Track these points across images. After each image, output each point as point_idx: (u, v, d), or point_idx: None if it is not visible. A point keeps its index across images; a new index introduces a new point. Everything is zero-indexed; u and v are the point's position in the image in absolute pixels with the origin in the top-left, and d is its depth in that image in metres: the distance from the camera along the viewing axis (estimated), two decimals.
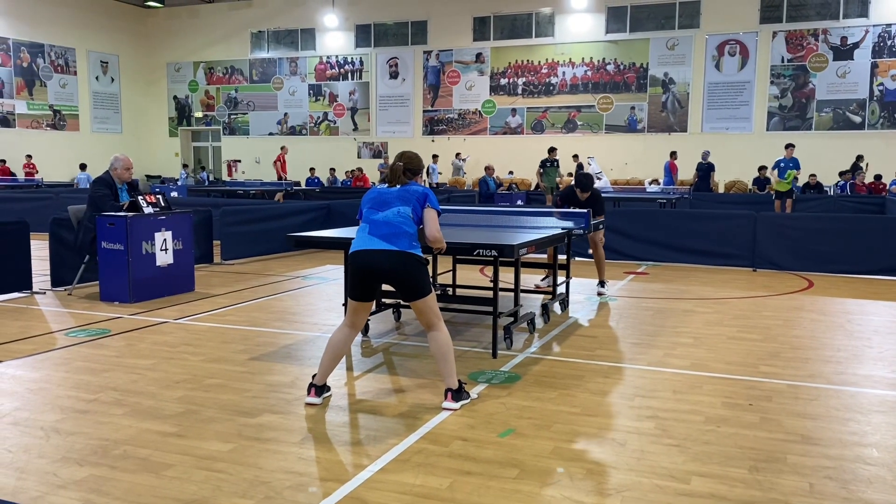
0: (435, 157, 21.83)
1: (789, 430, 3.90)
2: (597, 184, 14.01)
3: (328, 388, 4.43)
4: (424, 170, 6.40)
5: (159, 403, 4.26)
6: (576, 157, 20.28)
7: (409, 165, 4.39)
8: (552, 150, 17.57)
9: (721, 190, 20.11)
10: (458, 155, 22.65)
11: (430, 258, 4.37)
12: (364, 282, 4.17)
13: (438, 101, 24.27)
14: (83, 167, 22.60)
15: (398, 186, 4.30)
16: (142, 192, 7.80)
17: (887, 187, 17.38)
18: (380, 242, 4.11)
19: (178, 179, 23.54)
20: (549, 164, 17.46)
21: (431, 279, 4.26)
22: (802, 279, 9.18)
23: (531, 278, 8.49)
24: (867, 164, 17.80)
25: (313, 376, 4.36)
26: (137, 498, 3.07)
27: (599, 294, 7.98)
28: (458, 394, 4.22)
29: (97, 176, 7.82)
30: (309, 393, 4.29)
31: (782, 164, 15.12)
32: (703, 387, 4.66)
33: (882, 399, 4.46)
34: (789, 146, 15.26)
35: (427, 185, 18.42)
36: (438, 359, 4.22)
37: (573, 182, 8.02)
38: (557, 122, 22.85)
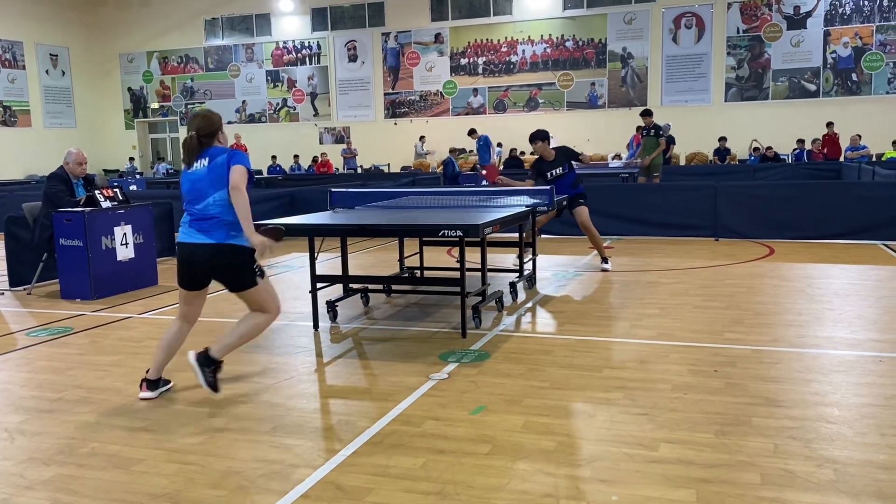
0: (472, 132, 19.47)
1: (753, 393, 3.99)
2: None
3: (165, 382, 4.28)
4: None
5: (126, 399, 4.21)
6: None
7: (202, 132, 3.98)
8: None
9: (682, 162, 20.35)
10: (421, 139, 22.56)
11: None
12: (188, 273, 4.08)
13: (399, 83, 24.11)
14: (161, 159, 21.99)
15: (205, 165, 3.93)
16: (99, 187, 7.64)
17: (842, 151, 17.73)
18: (198, 235, 3.93)
19: (136, 173, 23.11)
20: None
21: (258, 269, 4.04)
22: (764, 246, 9.35)
23: (501, 258, 8.52)
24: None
25: (147, 371, 4.24)
26: (107, 495, 3.03)
27: (604, 270, 7.87)
28: (208, 360, 4.01)
29: (51, 172, 7.63)
30: (141, 388, 4.18)
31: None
32: (670, 356, 4.73)
33: (842, 359, 4.58)
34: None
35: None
36: (237, 328, 4.08)
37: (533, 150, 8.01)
38: (519, 101, 22.86)
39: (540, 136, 7.83)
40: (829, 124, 17.78)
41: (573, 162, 8.08)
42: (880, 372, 4.30)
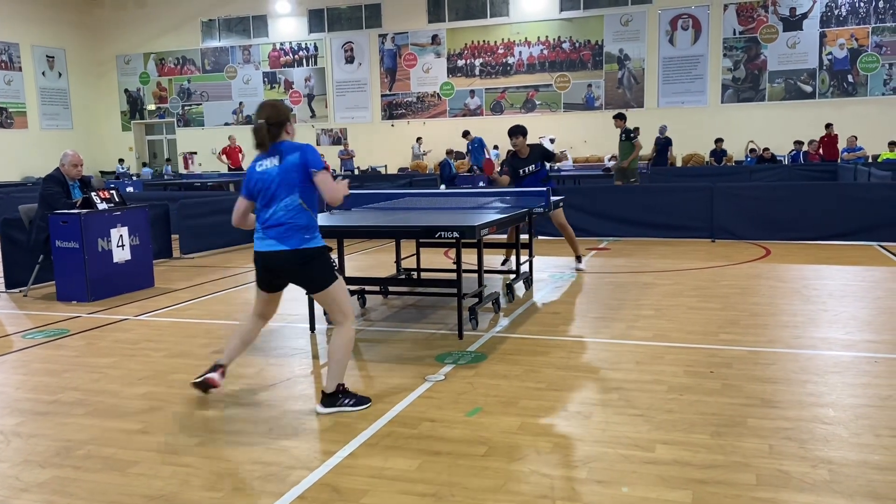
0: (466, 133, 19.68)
1: (749, 394, 4.00)
2: (564, 163, 14.11)
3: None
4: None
5: (122, 401, 4.20)
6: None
7: (271, 121, 3.91)
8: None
9: (679, 163, 20.38)
10: (418, 140, 22.57)
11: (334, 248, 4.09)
12: (266, 277, 4.07)
13: (396, 84, 24.12)
14: (145, 164, 21.88)
15: (276, 164, 3.86)
16: (95, 189, 7.63)
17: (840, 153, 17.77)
18: (273, 243, 3.89)
19: (126, 175, 23.07)
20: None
21: (334, 266, 3.99)
22: (759, 247, 9.37)
23: (498, 259, 8.52)
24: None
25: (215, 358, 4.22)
26: (103, 497, 3.03)
27: (578, 270, 7.97)
28: (332, 399, 3.93)
29: (47, 174, 7.62)
30: (216, 371, 4.11)
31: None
32: (665, 357, 4.74)
33: (837, 360, 4.59)
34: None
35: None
36: (329, 355, 3.97)
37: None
38: (516, 103, 22.88)
39: (522, 132, 7.89)
40: (828, 125, 17.80)
41: (546, 161, 8.13)
42: (875, 373, 4.31)
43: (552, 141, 19.79)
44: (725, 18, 20.76)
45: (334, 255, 4.30)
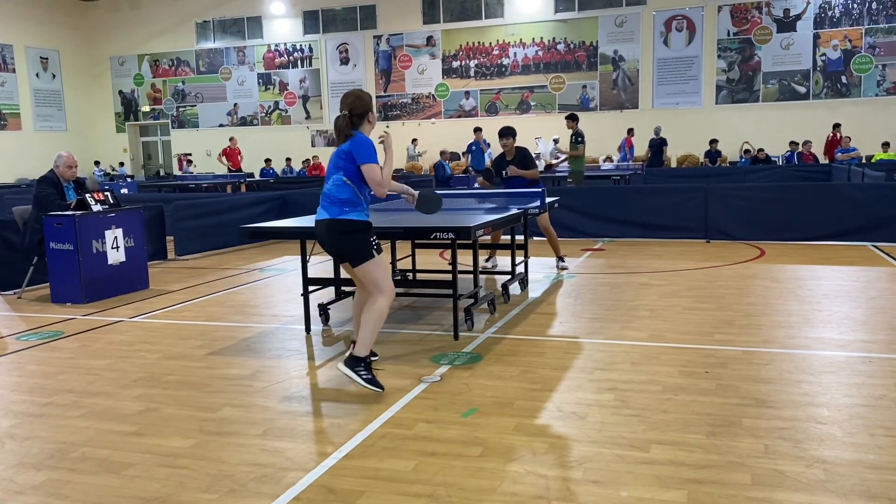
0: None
1: (744, 394, 4.01)
2: (561, 164, 14.07)
3: (373, 354, 4.62)
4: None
5: (117, 403, 4.19)
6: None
7: (355, 111, 4.21)
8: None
9: (673, 164, 20.42)
10: (414, 141, 22.57)
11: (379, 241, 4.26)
12: (322, 246, 4.38)
13: (391, 85, 24.11)
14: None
15: (341, 148, 4.23)
16: (89, 190, 7.61)
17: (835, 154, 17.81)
18: (321, 212, 4.27)
19: (128, 176, 23.05)
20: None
21: (376, 240, 4.24)
22: (754, 248, 9.39)
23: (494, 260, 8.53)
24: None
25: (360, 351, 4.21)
26: (98, 499, 3.02)
27: (562, 269, 8.05)
28: (355, 361, 4.11)
29: (41, 175, 7.60)
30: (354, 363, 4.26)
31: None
32: (661, 357, 4.75)
33: (831, 360, 4.60)
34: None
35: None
36: (363, 322, 4.18)
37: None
38: (511, 104, 22.89)
39: (511, 133, 7.97)
40: (837, 125, 17.72)
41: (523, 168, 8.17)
42: (869, 372, 4.33)
43: (555, 141, 19.78)
44: (719, 20, 20.81)
45: (327, 258, 4.35)
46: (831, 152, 17.66)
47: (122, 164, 26.30)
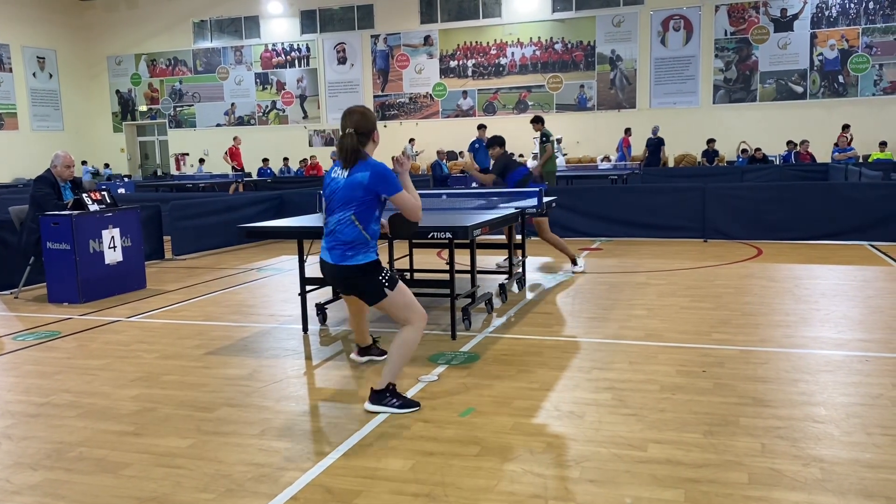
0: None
1: (741, 393, 4.01)
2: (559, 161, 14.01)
3: (375, 340, 4.87)
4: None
5: (114, 403, 4.18)
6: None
7: (361, 129, 3.84)
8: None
9: (671, 164, 20.45)
10: (411, 141, 22.57)
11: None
12: (331, 285, 4.38)
13: (389, 85, 24.11)
14: (84, 162, 21.74)
15: (344, 177, 3.84)
16: (86, 190, 7.60)
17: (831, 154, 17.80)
18: (326, 254, 3.96)
19: (124, 176, 23.00)
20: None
21: (388, 275, 3.94)
22: (752, 247, 9.40)
23: (490, 259, 8.53)
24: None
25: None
26: (95, 499, 3.02)
27: (575, 273, 7.94)
28: (379, 396, 3.91)
29: (38, 175, 7.59)
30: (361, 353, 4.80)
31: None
32: (658, 356, 4.75)
33: (829, 359, 4.61)
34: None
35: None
36: (390, 351, 3.96)
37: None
38: (509, 104, 22.89)
39: (498, 142, 8.10)
40: (846, 126, 17.57)
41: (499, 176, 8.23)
42: (866, 371, 4.34)
43: (558, 141, 19.69)
44: (717, 19, 20.83)
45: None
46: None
47: (106, 165, 26.10)
